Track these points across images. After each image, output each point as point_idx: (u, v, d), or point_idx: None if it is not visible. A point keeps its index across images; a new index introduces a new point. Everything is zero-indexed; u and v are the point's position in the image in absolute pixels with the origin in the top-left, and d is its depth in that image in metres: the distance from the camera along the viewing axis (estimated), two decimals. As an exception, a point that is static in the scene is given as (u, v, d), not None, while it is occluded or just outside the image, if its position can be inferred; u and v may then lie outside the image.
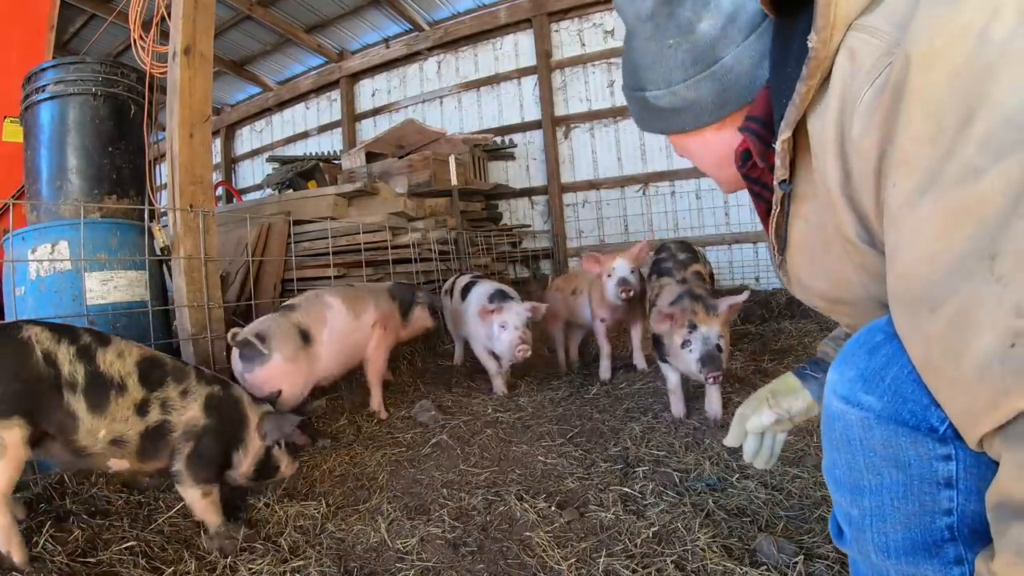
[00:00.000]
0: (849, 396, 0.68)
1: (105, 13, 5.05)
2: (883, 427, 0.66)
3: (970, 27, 0.50)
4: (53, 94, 2.17)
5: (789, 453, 1.71)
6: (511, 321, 2.39)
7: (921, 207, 0.53)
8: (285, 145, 7.77)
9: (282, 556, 1.39)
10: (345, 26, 6.35)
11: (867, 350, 0.68)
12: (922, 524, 0.67)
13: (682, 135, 0.86)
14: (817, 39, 0.60)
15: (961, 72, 0.50)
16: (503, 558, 1.33)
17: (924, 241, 0.54)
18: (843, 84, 0.61)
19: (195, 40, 2.16)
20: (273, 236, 3.73)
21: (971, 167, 0.50)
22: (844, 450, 0.71)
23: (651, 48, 0.79)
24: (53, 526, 1.39)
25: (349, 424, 2.30)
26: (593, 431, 2.09)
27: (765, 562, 1.20)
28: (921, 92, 0.53)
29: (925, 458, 0.64)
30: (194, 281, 2.10)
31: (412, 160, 4.62)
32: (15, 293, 1.94)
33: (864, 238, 0.66)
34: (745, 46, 0.75)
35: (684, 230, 5.17)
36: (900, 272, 0.58)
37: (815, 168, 0.69)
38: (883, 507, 0.69)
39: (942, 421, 0.62)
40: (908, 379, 0.63)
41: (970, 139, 0.50)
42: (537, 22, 5.57)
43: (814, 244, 0.77)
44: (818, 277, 0.81)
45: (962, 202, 0.51)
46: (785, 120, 0.67)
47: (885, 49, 0.57)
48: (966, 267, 0.51)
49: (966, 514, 0.65)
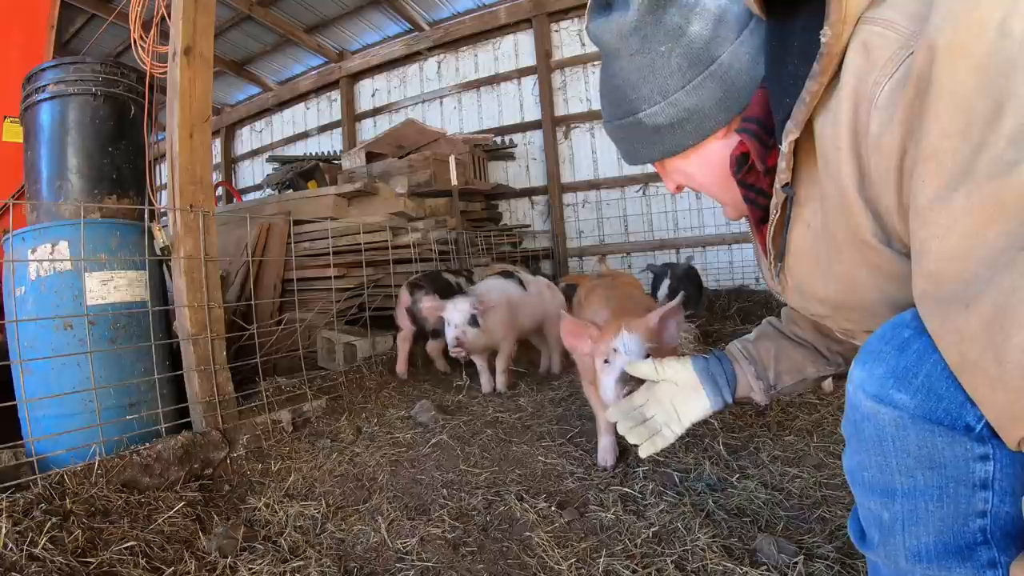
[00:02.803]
0: (880, 395, 0.65)
1: (105, 13, 5.05)
2: (917, 427, 0.63)
3: (989, 20, 0.49)
4: (53, 94, 2.17)
5: (789, 453, 1.71)
6: (450, 318, 2.42)
7: (953, 202, 0.52)
8: (285, 145, 7.77)
9: (282, 556, 1.39)
10: (345, 26, 6.35)
11: (896, 346, 0.65)
12: (956, 527, 0.64)
13: (682, 156, 0.82)
14: (831, 33, 0.58)
15: (985, 66, 0.49)
16: (503, 558, 1.33)
17: (956, 237, 0.52)
18: (856, 79, 0.59)
19: (195, 40, 2.16)
20: (273, 236, 3.73)
21: (1004, 160, 0.49)
22: (875, 451, 0.68)
23: (640, 63, 0.76)
24: (53, 526, 1.39)
25: (349, 424, 2.30)
26: (593, 431, 2.08)
27: (765, 562, 1.20)
28: (947, 84, 0.51)
29: (961, 459, 0.62)
30: (194, 281, 2.10)
31: (412, 160, 4.62)
32: (15, 293, 1.94)
33: (882, 239, 0.64)
34: (739, 43, 0.74)
35: (684, 230, 5.17)
36: (930, 270, 0.56)
37: (823, 170, 0.67)
38: (916, 510, 0.66)
39: (978, 419, 0.59)
40: (942, 376, 0.60)
41: (1001, 132, 0.49)
42: (537, 22, 5.57)
43: (818, 249, 0.75)
44: (823, 282, 0.78)
45: (997, 195, 0.49)
46: (793, 120, 0.65)
47: (902, 42, 0.56)
48: (1003, 261, 0.50)
49: (1000, 516, 0.63)
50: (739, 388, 1.05)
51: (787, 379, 1.03)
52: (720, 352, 1.09)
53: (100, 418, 1.78)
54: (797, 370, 1.03)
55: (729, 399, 1.04)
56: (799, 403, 2.07)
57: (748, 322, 3.68)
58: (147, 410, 1.97)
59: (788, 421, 1.96)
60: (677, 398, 1.05)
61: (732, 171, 0.80)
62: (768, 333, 1.08)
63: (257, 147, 8.26)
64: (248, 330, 2.35)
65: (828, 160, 0.65)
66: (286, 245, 3.69)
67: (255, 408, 2.26)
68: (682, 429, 1.05)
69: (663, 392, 1.07)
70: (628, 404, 1.09)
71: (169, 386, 2.14)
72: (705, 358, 1.06)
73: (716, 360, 1.06)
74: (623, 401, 1.10)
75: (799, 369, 1.03)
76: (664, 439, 1.05)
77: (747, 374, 1.04)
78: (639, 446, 1.06)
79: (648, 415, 1.07)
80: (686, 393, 1.05)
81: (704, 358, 1.06)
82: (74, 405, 1.86)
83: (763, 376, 1.03)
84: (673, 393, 1.06)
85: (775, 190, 0.74)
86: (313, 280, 3.73)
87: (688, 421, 1.04)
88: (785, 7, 0.67)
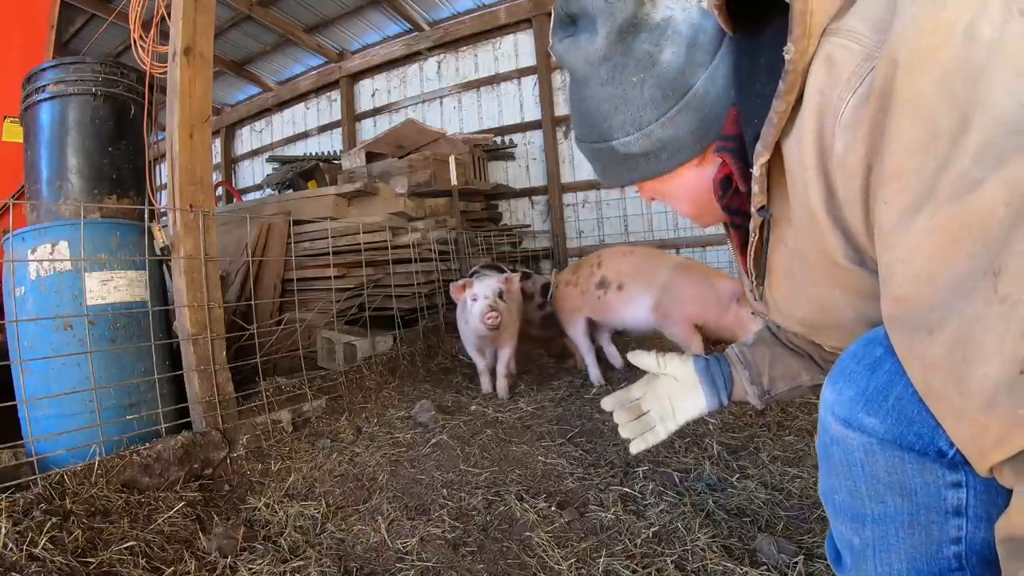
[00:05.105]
0: (849, 419, 0.63)
1: (105, 13, 5.05)
2: (887, 453, 0.61)
3: (955, 24, 0.46)
4: (53, 94, 2.17)
5: (789, 453, 1.71)
6: (480, 291, 2.37)
7: (916, 224, 0.49)
8: (285, 145, 7.77)
9: (282, 556, 1.39)
10: (345, 26, 6.35)
11: (867, 366, 0.62)
12: (928, 554, 0.62)
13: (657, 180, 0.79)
14: (795, 49, 0.55)
15: (950, 75, 0.46)
16: (503, 558, 1.33)
17: (920, 260, 0.50)
18: (820, 95, 0.56)
19: (195, 40, 2.16)
20: (273, 236, 3.73)
21: (969, 178, 0.45)
22: (844, 476, 0.66)
23: (611, 92, 0.72)
24: (53, 526, 1.39)
25: (349, 424, 2.30)
26: (593, 431, 2.09)
27: (765, 562, 1.20)
28: (910, 97, 0.48)
29: (933, 485, 0.60)
30: (194, 281, 2.10)
31: (412, 160, 4.62)
32: (15, 293, 1.94)
33: (854, 259, 0.61)
34: (712, 68, 0.70)
35: (684, 230, 5.17)
36: (896, 294, 0.53)
37: (793, 190, 0.64)
38: (887, 536, 0.64)
39: (951, 445, 0.57)
40: (913, 398, 0.57)
41: (966, 147, 0.45)
42: (537, 22, 5.57)
43: (794, 269, 0.73)
44: (799, 302, 0.77)
45: (961, 216, 0.46)
46: (762, 141, 0.62)
47: (866, 53, 0.53)
48: (967, 286, 0.46)
49: (975, 542, 0.60)
50: (735, 391, 1.05)
51: (781, 385, 1.04)
52: (720, 355, 1.09)
53: (100, 418, 1.78)
54: (791, 377, 1.03)
55: (725, 401, 1.05)
56: (799, 403, 2.07)
57: (748, 322, 3.68)
58: (147, 410, 1.97)
59: (788, 421, 1.96)
60: (675, 394, 1.05)
61: (717, 196, 0.77)
62: (765, 339, 1.09)
63: (257, 147, 8.26)
64: (248, 330, 2.35)
65: (795, 180, 0.62)
66: (286, 245, 3.69)
67: (255, 408, 2.26)
68: (676, 426, 1.05)
69: (662, 387, 1.07)
70: (626, 395, 1.09)
71: (169, 386, 2.14)
72: (706, 359, 1.07)
73: (716, 361, 1.06)
74: (621, 391, 1.10)
75: (793, 376, 1.03)
76: (656, 436, 1.05)
77: (742, 378, 1.05)
78: (631, 441, 1.06)
79: (644, 409, 1.07)
80: (684, 390, 1.05)
81: (705, 359, 1.07)
82: (74, 405, 1.86)
83: (757, 381, 1.04)
84: (672, 389, 1.06)
85: (752, 213, 0.71)
86: (313, 280, 3.73)
87: (683, 419, 1.05)
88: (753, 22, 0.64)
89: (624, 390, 1.11)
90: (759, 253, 0.77)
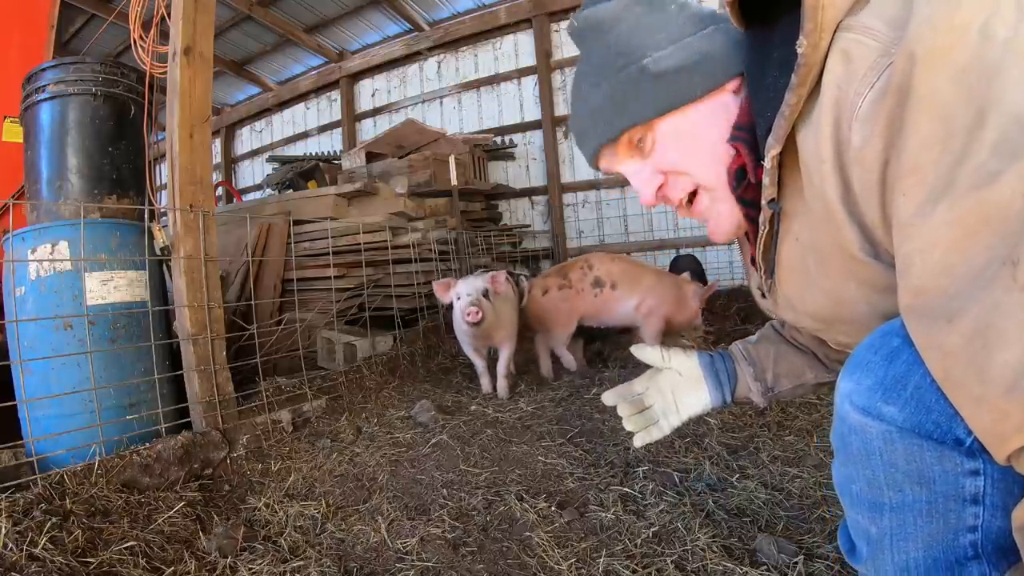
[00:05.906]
0: (868, 407, 0.63)
1: (105, 13, 5.05)
2: (906, 441, 0.61)
3: (970, 23, 0.48)
4: (53, 94, 2.17)
5: (789, 453, 1.71)
6: (463, 290, 2.41)
7: (934, 216, 0.50)
8: (285, 145, 7.77)
9: (282, 556, 1.39)
10: (345, 26, 6.36)
11: (884, 356, 0.63)
12: (945, 542, 0.63)
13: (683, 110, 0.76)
14: (807, 43, 0.56)
15: (966, 72, 0.48)
16: (503, 558, 1.33)
17: (939, 251, 0.51)
18: (837, 89, 0.57)
19: (195, 40, 2.16)
20: (273, 236, 3.73)
21: (986, 171, 0.47)
22: (863, 465, 0.66)
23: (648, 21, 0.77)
24: (53, 526, 1.39)
25: (349, 424, 2.30)
26: (593, 431, 2.09)
27: (765, 562, 1.20)
28: (927, 94, 0.50)
29: (951, 474, 0.61)
30: (194, 281, 2.10)
31: (412, 160, 4.62)
32: (15, 293, 1.94)
33: (869, 252, 0.62)
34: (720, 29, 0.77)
35: (684, 230, 5.17)
36: (914, 285, 0.54)
37: (808, 183, 0.65)
38: (905, 525, 0.65)
39: (968, 433, 0.57)
40: (931, 387, 0.58)
41: (983, 142, 0.47)
42: (537, 22, 5.57)
43: (807, 263, 0.74)
44: (813, 297, 0.77)
45: (979, 207, 0.48)
46: (774, 134, 0.63)
47: (882, 49, 0.54)
48: (986, 275, 0.48)
49: (991, 530, 0.61)
50: (739, 388, 1.05)
51: (785, 383, 1.04)
52: (724, 351, 1.09)
53: (100, 418, 1.78)
54: (795, 375, 1.03)
55: (729, 398, 1.04)
56: (799, 403, 2.07)
57: (748, 322, 3.68)
58: (147, 410, 1.97)
59: (788, 421, 1.96)
60: (679, 389, 1.05)
61: (731, 187, 0.78)
62: (769, 336, 1.09)
63: (257, 147, 8.26)
64: (248, 330, 2.35)
65: (812, 173, 0.63)
66: (286, 245, 3.69)
67: (255, 408, 2.26)
68: (679, 422, 1.05)
69: (665, 381, 1.07)
70: (627, 390, 1.09)
71: (169, 386, 2.14)
72: (710, 354, 1.07)
73: (720, 357, 1.06)
74: (622, 386, 1.10)
75: (797, 374, 1.03)
76: (660, 430, 1.05)
77: (746, 375, 1.04)
78: (634, 435, 1.06)
79: (647, 403, 1.07)
80: (688, 385, 1.05)
81: (709, 354, 1.07)
82: (74, 405, 1.86)
83: (761, 378, 1.03)
84: (676, 383, 1.05)
85: (763, 205, 0.72)
86: (313, 280, 3.73)
87: (686, 414, 1.04)
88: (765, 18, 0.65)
89: (625, 385, 1.10)
90: (768, 246, 0.77)
